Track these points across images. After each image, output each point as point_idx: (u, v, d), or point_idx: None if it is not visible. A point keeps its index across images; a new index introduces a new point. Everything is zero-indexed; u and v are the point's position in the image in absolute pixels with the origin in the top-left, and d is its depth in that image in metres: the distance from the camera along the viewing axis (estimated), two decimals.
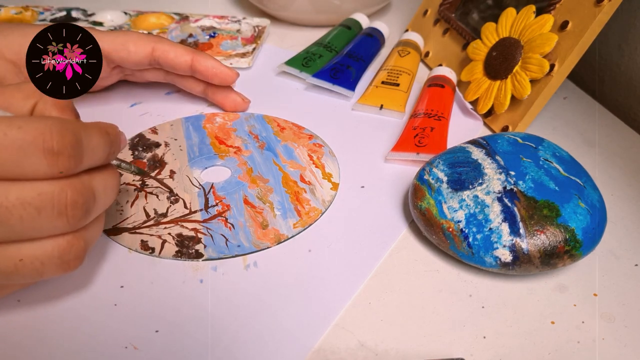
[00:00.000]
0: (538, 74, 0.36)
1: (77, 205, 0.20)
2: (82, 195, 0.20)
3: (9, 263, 0.20)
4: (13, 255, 0.20)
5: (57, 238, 0.21)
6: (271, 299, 0.26)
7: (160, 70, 0.39)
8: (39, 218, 0.19)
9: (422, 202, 0.28)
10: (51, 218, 0.20)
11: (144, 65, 0.37)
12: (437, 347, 0.24)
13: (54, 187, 0.20)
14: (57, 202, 0.19)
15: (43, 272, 0.21)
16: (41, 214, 0.19)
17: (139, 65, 0.37)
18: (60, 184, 0.20)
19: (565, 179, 0.27)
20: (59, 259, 0.21)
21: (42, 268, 0.20)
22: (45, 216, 0.19)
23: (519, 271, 0.26)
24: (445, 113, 0.38)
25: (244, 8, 0.61)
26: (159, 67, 0.38)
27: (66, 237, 0.21)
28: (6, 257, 0.20)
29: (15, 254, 0.20)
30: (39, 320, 0.24)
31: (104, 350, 0.23)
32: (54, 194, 0.19)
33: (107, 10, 0.53)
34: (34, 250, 0.20)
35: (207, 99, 0.41)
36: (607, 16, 0.34)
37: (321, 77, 0.43)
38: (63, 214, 0.20)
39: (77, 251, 0.21)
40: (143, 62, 0.37)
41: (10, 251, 0.20)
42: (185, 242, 0.28)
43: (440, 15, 0.49)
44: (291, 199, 0.32)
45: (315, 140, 0.37)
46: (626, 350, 0.24)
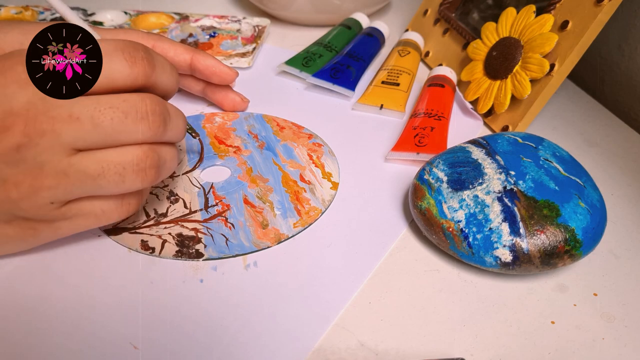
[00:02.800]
0: (538, 73, 0.36)
1: (156, 113, 0.24)
2: (159, 105, 0.24)
3: (98, 166, 0.23)
4: (101, 159, 0.23)
5: (136, 147, 0.24)
6: (271, 299, 0.26)
7: None
8: (126, 121, 0.23)
9: (422, 202, 0.28)
10: (135, 121, 0.23)
11: None
12: (437, 347, 0.24)
13: (134, 96, 0.23)
14: (140, 107, 0.23)
15: (125, 177, 0.24)
16: (127, 117, 0.23)
17: None
18: (140, 95, 0.24)
19: (565, 179, 0.27)
20: (137, 165, 0.24)
21: (124, 172, 0.24)
22: (131, 119, 0.23)
23: (519, 271, 0.26)
24: (446, 113, 0.38)
25: (244, 8, 0.61)
26: None
27: (143, 147, 0.24)
28: (95, 161, 0.23)
29: (103, 157, 0.23)
30: (39, 320, 0.24)
31: (104, 350, 0.23)
32: (136, 101, 0.23)
33: (107, 10, 0.53)
34: (118, 156, 0.23)
35: (206, 98, 0.41)
36: (607, 16, 0.34)
37: (321, 77, 0.43)
38: (145, 119, 0.24)
39: (153, 161, 0.25)
40: None
41: (99, 156, 0.23)
42: (186, 242, 0.28)
43: (441, 15, 0.49)
44: (291, 199, 0.32)
45: (315, 139, 0.37)
46: (626, 350, 0.24)
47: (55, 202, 0.23)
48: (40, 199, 0.23)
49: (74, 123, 0.22)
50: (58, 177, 0.22)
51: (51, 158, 0.22)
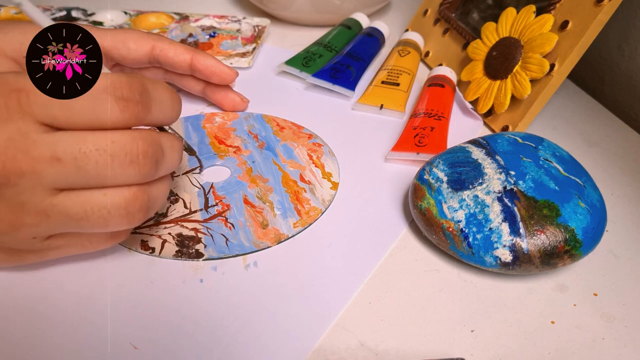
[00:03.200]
0: (538, 73, 0.36)
1: (148, 155, 0.22)
2: (151, 146, 0.22)
3: (80, 209, 0.22)
4: (84, 201, 0.22)
5: (124, 189, 0.22)
6: (271, 299, 0.26)
7: (160, 69, 0.39)
8: (113, 164, 0.21)
9: (422, 202, 0.28)
10: (123, 165, 0.21)
11: (144, 63, 0.37)
12: (437, 347, 0.24)
13: (126, 136, 0.22)
14: (129, 150, 0.21)
15: (109, 220, 0.22)
16: (114, 161, 0.21)
17: (138, 63, 0.37)
18: (132, 135, 0.22)
19: (565, 179, 0.27)
20: (125, 209, 0.22)
21: (108, 217, 0.22)
22: (118, 163, 0.21)
23: (519, 271, 0.26)
24: (446, 113, 0.38)
25: (244, 8, 0.61)
26: (159, 65, 0.38)
27: (132, 189, 0.22)
28: (78, 203, 0.22)
29: (86, 199, 0.22)
30: (39, 320, 0.24)
31: (104, 350, 0.23)
32: (126, 142, 0.21)
33: (107, 9, 0.53)
34: (103, 199, 0.22)
35: (206, 98, 0.41)
36: (607, 16, 0.34)
37: (321, 77, 0.43)
38: (135, 163, 0.22)
39: (142, 204, 0.23)
40: (143, 60, 0.36)
41: (83, 197, 0.22)
42: (186, 242, 0.28)
43: (441, 15, 0.49)
44: (291, 199, 0.32)
45: (315, 139, 0.37)
46: (626, 350, 0.24)
47: (37, 237, 0.23)
48: (22, 234, 0.22)
49: (55, 164, 0.21)
50: (39, 216, 0.21)
51: (32, 198, 0.21)
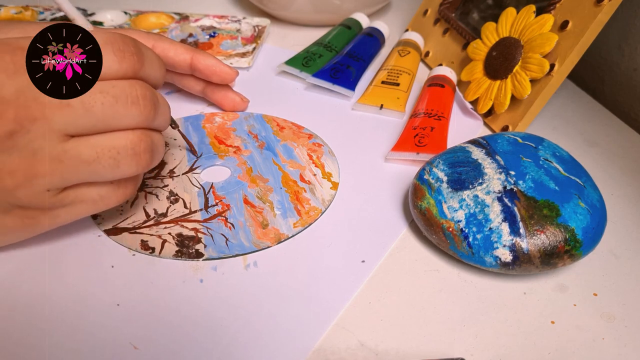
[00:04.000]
0: (538, 73, 0.36)
1: (147, 98, 0.24)
2: (149, 90, 0.25)
3: (92, 151, 0.23)
4: (95, 144, 0.23)
5: (129, 132, 0.24)
6: (271, 299, 0.26)
7: None
8: (116, 105, 0.23)
9: (422, 202, 0.28)
10: (126, 106, 0.24)
11: None
12: (437, 347, 0.24)
13: (124, 82, 0.24)
14: (130, 92, 0.24)
15: (119, 161, 0.24)
16: (118, 102, 0.23)
17: None
18: (129, 81, 0.24)
19: (565, 179, 0.27)
20: (132, 149, 0.24)
21: (118, 157, 0.24)
22: (122, 104, 0.23)
23: (519, 271, 0.26)
24: (445, 113, 0.38)
25: (244, 8, 0.61)
26: None
27: (137, 132, 0.25)
28: (89, 146, 0.23)
29: (97, 142, 0.23)
30: (39, 320, 0.24)
31: (104, 350, 0.23)
32: (125, 86, 0.24)
33: (107, 9, 0.53)
34: (112, 140, 0.24)
35: (206, 98, 0.41)
36: (607, 16, 0.34)
37: (321, 77, 0.43)
38: (136, 104, 0.24)
39: (146, 145, 0.25)
40: None
41: (93, 141, 0.23)
42: (186, 242, 0.28)
43: (440, 15, 0.49)
44: (291, 199, 0.32)
45: (315, 139, 0.37)
46: (626, 350, 0.24)
47: (51, 190, 0.23)
48: (36, 186, 0.23)
49: (64, 109, 0.22)
50: (52, 164, 0.22)
51: (44, 144, 0.22)
